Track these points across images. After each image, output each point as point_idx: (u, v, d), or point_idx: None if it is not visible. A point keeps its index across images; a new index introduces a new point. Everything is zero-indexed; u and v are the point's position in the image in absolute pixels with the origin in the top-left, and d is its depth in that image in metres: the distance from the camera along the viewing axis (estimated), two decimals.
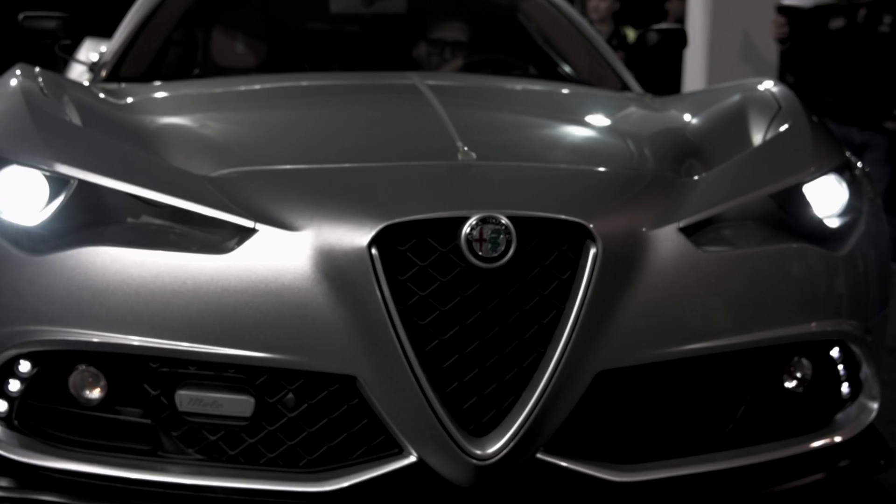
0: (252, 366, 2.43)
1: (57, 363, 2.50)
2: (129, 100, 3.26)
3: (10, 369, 2.50)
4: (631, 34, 7.77)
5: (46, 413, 2.53)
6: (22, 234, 2.51)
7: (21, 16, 4.08)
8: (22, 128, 2.66)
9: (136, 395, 2.50)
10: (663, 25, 4.45)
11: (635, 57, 5.70)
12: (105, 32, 5.44)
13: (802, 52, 6.40)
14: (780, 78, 7.14)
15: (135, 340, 2.43)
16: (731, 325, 2.59)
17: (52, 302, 2.46)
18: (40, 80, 2.94)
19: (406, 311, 2.40)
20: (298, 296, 2.40)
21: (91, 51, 5.50)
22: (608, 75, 4.18)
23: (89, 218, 2.56)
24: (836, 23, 6.22)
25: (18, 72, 2.97)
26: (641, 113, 3.50)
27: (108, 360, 2.49)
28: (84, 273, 2.45)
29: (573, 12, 4.52)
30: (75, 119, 2.78)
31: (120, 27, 4.15)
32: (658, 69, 6.62)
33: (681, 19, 7.79)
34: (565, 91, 3.81)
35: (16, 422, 2.52)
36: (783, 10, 6.42)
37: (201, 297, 2.42)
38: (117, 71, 3.87)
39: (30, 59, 3.36)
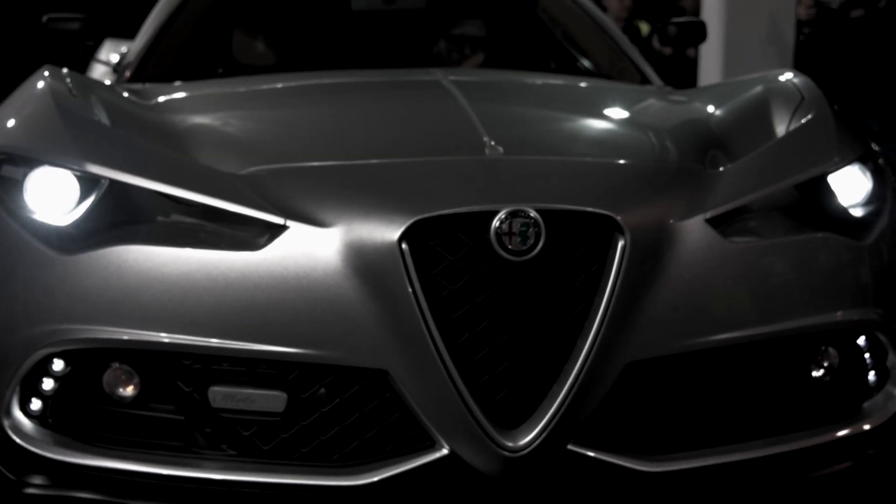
0: (284, 361, 2.45)
1: (90, 361, 2.52)
2: (156, 100, 3.29)
3: (43, 368, 2.52)
4: (644, 28, 7.77)
5: (80, 411, 2.55)
6: (53, 233, 2.53)
7: (45, 17, 4.11)
8: (52, 128, 2.68)
9: (170, 391, 2.52)
10: (682, 19, 4.46)
11: (651, 50, 5.73)
12: (125, 34, 5.47)
13: (822, 42, 6.40)
14: (798, 66, 7.15)
15: (167, 338, 2.45)
16: (759, 315, 2.60)
17: (84, 301, 2.48)
18: (68, 80, 2.96)
19: (437, 304, 2.41)
20: (329, 291, 2.42)
21: (111, 51, 5.53)
22: (628, 68, 4.19)
23: (120, 217, 2.58)
24: (856, 13, 6.22)
25: (46, 73, 3.00)
26: (664, 105, 3.51)
27: (142, 358, 2.51)
28: (116, 271, 2.47)
29: (591, 6, 4.53)
30: (104, 119, 2.81)
31: (143, 27, 4.17)
32: (675, 64, 6.63)
33: (695, 14, 7.79)
34: (587, 85, 3.82)
35: (50, 420, 2.55)
36: None
37: (233, 293, 2.44)
38: (142, 71, 3.89)
39: (50, 60, 3.38)
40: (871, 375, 2.77)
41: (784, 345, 2.65)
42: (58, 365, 2.52)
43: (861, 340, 2.75)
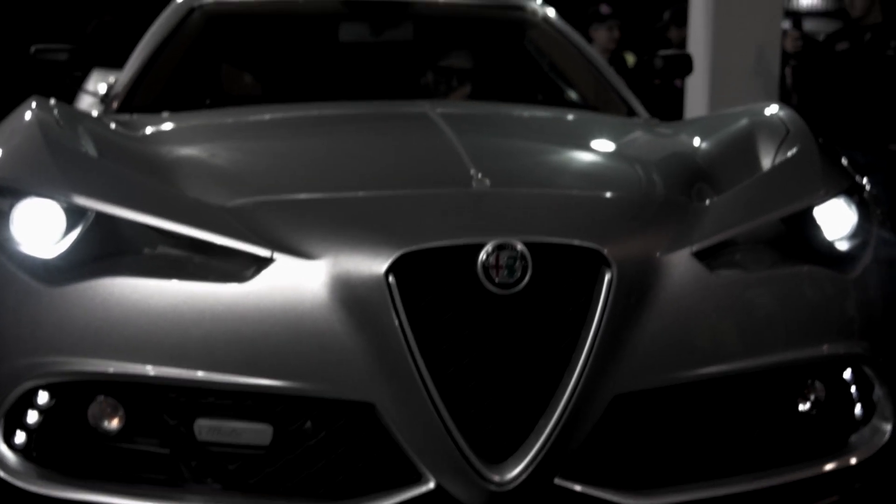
0: (270, 394, 2.44)
1: (76, 394, 2.51)
2: (144, 131, 3.29)
3: (28, 401, 2.51)
4: (630, 59, 7.80)
5: (65, 444, 2.53)
6: (40, 265, 2.53)
7: (33, 48, 4.11)
8: (39, 160, 2.68)
9: (155, 425, 2.51)
10: (668, 51, 4.49)
11: (638, 83, 5.74)
12: (113, 63, 5.48)
13: (808, 75, 6.44)
14: (786, 97, 7.18)
15: (153, 370, 2.44)
16: (745, 348, 2.61)
17: (70, 333, 2.47)
18: (55, 111, 2.96)
19: (424, 337, 2.41)
20: (316, 324, 2.42)
21: (99, 81, 5.53)
22: (614, 100, 4.21)
23: (107, 249, 2.58)
24: (842, 45, 6.25)
25: (34, 104, 3.00)
26: (650, 138, 3.52)
27: (127, 391, 2.50)
28: (102, 303, 2.47)
29: (578, 38, 4.55)
30: (91, 150, 2.81)
31: (131, 58, 4.17)
32: (661, 95, 6.66)
33: (681, 46, 7.82)
34: (574, 117, 3.83)
35: (34, 453, 2.53)
36: (798, 24, 6.46)
37: (219, 326, 2.44)
38: (129, 102, 3.89)
39: (37, 90, 3.38)
40: (858, 409, 2.78)
41: (770, 378, 2.66)
42: (42, 398, 2.51)
43: (847, 374, 2.75)
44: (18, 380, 2.48)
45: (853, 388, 2.76)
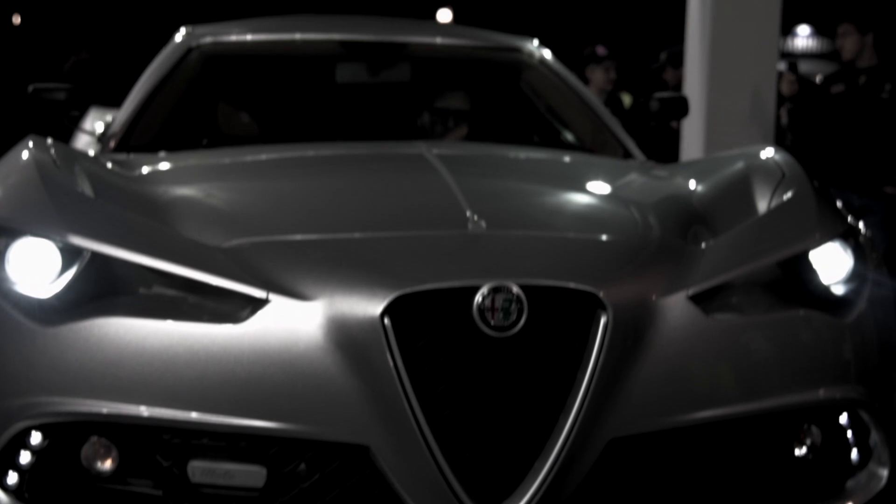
0: (265, 436, 2.44)
1: (69, 435, 2.50)
2: (140, 170, 3.29)
3: (21, 441, 2.50)
4: (627, 100, 7.83)
5: (58, 485, 2.52)
6: (34, 305, 2.53)
7: (31, 87, 4.13)
8: (35, 199, 2.68)
9: (148, 466, 2.50)
10: (665, 94, 4.50)
11: (634, 124, 5.76)
12: (111, 102, 5.49)
13: (805, 117, 6.46)
14: (781, 139, 7.20)
15: (147, 411, 2.43)
16: (741, 392, 2.61)
17: (64, 373, 2.47)
18: (52, 151, 2.97)
19: (419, 380, 2.41)
20: (311, 365, 2.42)
21: (96, 120, 5.54)
22: (610, 142, 4.22)
23: (102, 289, 2.58)
24: (837, 88, 6.28)
25: (31, 143, 3.00)
26: (646, 180, 3.53)
27: (121, 432, 2.49)
28: (96, 344, 2.46)
29: (575, 80, 4.57)
30: (87, 190, 2.81)
31: (128, 98, 4.18)
32: (657, 136, 6.68)
33: (677, 87, 7.86)
34: (570, 159, 3.84)
35: (27, 494, 2.52)
36: (793, 67, 6.49)
37: (214, 367, 2.43)
38: (126, 141, 3.90)
39: (35, 129, 3.39)
40: (854, 454, 2.77)
41: (766, 422, 2.65)
42: (35, 438, 2.50)
43: (843, 418, 2.75)
44: (11, 420, 2.48)
45: (849, 433, 2.76)
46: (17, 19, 20.91)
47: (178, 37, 4.46)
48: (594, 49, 7.73)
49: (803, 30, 21.78)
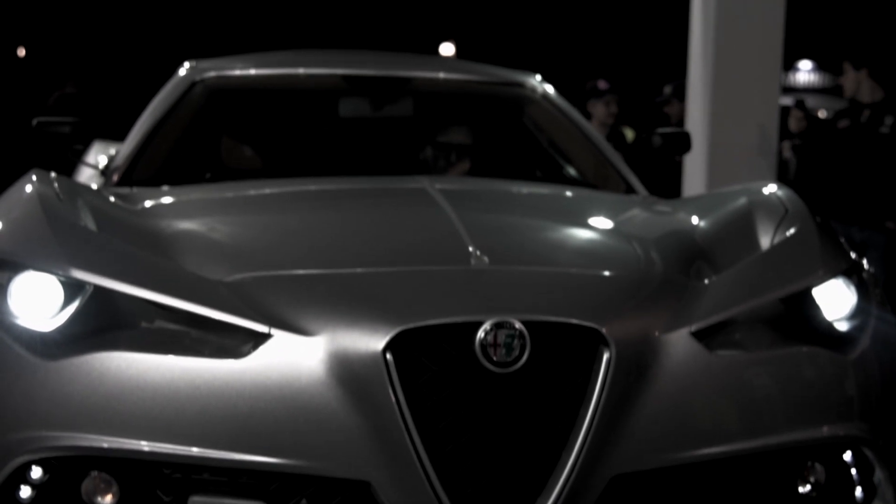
0: (266, 471, 2.43)
1: (69, 469, 2.49)
2: (143, 204, 3.30)
3: (21, 476, 2.49)
4: (629, 134, 7.84)
5: None
6: (36, 339, 2.52)
7: (35, 121, 4.13)
8: (38, 233, 2.69)
9: (149, 501, 2.49)
10: (667, 129, 4.51)
11: (637, 158, 5.77)
12: (115, 135, 5.50)
13: (811, 152, 6.48)
14: (783, 174, 7.21)
15: (148, 446, 2.43)
16: (745, 429, 2.60)
17: (65, 407, 2.46)
18: (56, 185, 2.97)
19: (421, 415, 2.40)
20: (313, 401, 2.41)
21: (100, 153, 5.55)
22: (613, 178, 4.22)
23: (104, 323, 2.57)
24: (843, 123, 6.31)
25: (34, 177, 3.01)
26: (649, 216, 3.53)
27: (121, 466, 2.48)
28: (98, 378, 2.46)
29: (577, 115, 4.57)
30: (90, 224, 2.81)
31: (132, 132, 4.19)
32: (660, 171, 6.68)
33: (680, 121, 7.88)
34: (573, 194, 3.85)
35: None
36: (801, 103, 6.52)
37: (215, 402, 2.43)
38: (129, 175, 3.91)
39: (38, 162, 3.39)
40: (858, 491, 2.76)
41: (770, 460, 2.64)
42: (36, 472, 2.49)
43: (847, 456, 2.74)
44: (12, 454, 2.47)
45: (853, 471, 2.74)
46: (21, 52, 21.02)
47: (182, 71, 4.47)
48: (596, 83, 7.75)
49: (805, 65, 21.86)
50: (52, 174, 3.09)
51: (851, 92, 6.33)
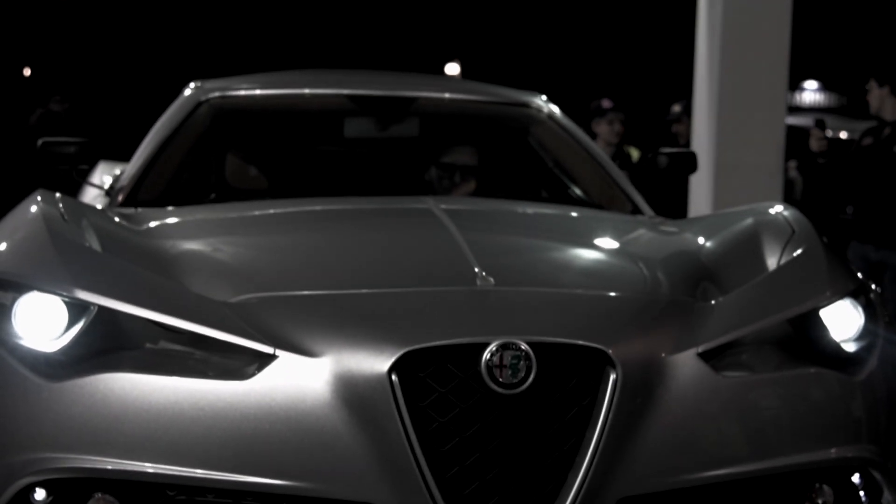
0: (270, 493, 2.42)
1: (73, 491, 2.48)
2: (147, 225, 3.29)
3: (25, 498, 2.48)
4: (634, 153, 7.84)
5: None
6: (40, 360, 2.52)
7: (40, 141, 4.13)
8: (43, 254, 2.68)
9: None
10: (673, 149, 4.50)
11: (642, 177, 5.77)
12: (120, 156, 5.51)
13: (836, 171, 6.43)
14: (789, 194, 7.19)
15: (151, 468, 2.42)
16: (752, 451, 2.58)
17: (69, 429, 2.45)
18: (61, 205, 2.97)
19: (426, 437, 2.39)
20: (318, 422, 2.40)
21: (105, 174, 5.55)
22: (619, 198, 4.21)
23: (108, 344, 2.57)
24: (866, 140, 6.28)
25: (39, 198, 3.01)
26: (655, 236, 3.52)
27: (125, 488, 2.47)
28: (102, 399, 2.45)
29: (583, 134, 4.57)
30: (95, 245, 2.81)
31: (137, 152, 4.19)
32: (666, 191, 6.68)
33: (689, 140, 7.87)
34: (578, 214, 3.84)
35: None
36: (821, 124, 6.49)
37: (220, 423, 2.42)
38: (134, 195, 3.91)
39: (43, 181, 3.39)
40: None
41: (778, 482, 2.63)
42: (40, 494, 2.48)
43: (856, 478, 2.72)
44: (15, 476, 2.46)
45: (862, 493, 2.72)
46: (27, 71, 21.08)
47: (188, 91, 4.47)
48: (600, 102, 7.75)
49: (811, 84, 21.86)
50: (58, 194, 3.08)
51: (876, 109, 6.30)
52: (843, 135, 7.29)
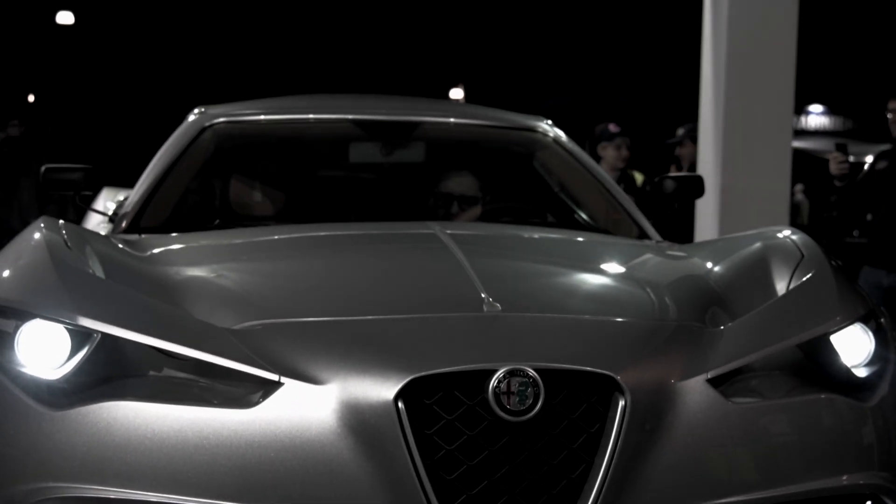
0: None
1: None
2: (151, 251, 3.27)
3: None
4: (639, 178, 7.83)
5: None
6: (43, 388, 2.49)
7: (43, 168, 4.12)
8: (46, 281, 2.66)
9: None
10: (680, 173, 4.48)
11: (647, 202, 5.75)
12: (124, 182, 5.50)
13: (853, 194, 6.38)
14: (794, 218, 7.16)
15: (155, 497, 2.39)
16: (762, 478, 2.56)
17: (71, 458, 2.43)
18: (64, 232, 2.96)
19: (433, 465, 2.37)
20: (324, 450, 2.38)
21: (108, 200, 5.55)
22: (625, 222, 4.20)
23: (111, 371, 2.54)
24: (881, 164, 6.23)
25: (42, 224, 3.00)
26: (663, 261, 3.50)
27: None
28: (105, 428, 2.43)
29: (588, 159, 4.55)
30: (98, 272, 2.79)
31: (140, 178, 4.18)
32: (673, 216, 6.65)
33: (692, 164, 7.86)
34: (585, 239, 3.82)
35: None
36: (842, 147, 6.46)
37: (224, 452, 2.39)
38: (138, 222, 3.89)
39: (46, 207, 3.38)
40: None
41: None
42: None
43: None
44: None
45: None
46: (31, 98, 21.17)
47: (192, 116, 4.47)
48: (606, 126, 7.74)
49: (816, 108, 21.90)
50: (61, 221, 3.07)
51: None
52: (867, 158, 7.24)
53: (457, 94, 25.21)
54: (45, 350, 2.53)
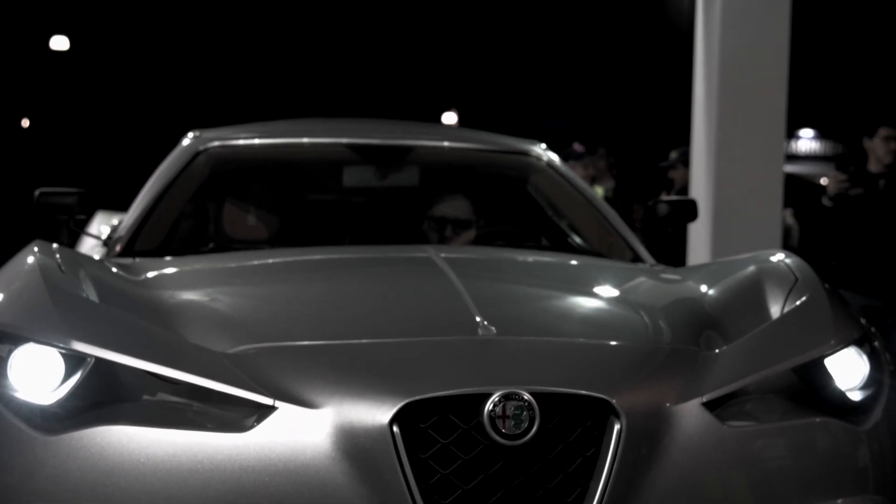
0: None
1: None
2: (145, 275, 3.27)
3: None
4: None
5: None
6: (36, 413, 2.48)
7: (37, 192, 4.12)
8: (39, 305, 2.66)
9: None
10: (673, 197, 4.49)
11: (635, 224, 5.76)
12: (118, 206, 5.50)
13: (823, 221, 6.40)
14: (785, 241, 7.16)
15: None
16: (757, 501, 2.56)
17: (65, 483, 2.42)
18: (57, 256, 2.95)
19: (428, 490, 2.36)
20: (318, 475, 2.37)
21: (103, 223, 5.54)
22: (619, 246, 4.20)
23: (105, 396, 2.53)
24: (855, 191, 6.25)
25: (36, 248, 2.99)
26: (657, 285, 3.50)
27: None
28: (99, 453, 2.42)
29: (581, 182, 4.56)
30: (92, 296, 2.78)
31: (135, 202, 4.18)
32: (667, 240, 6.66)
33: (684, 187, 7.88)
34: (579, 263, 3.82)
35: None
36: (843, 167, 6.47)
37: (219, 476, 2.38)
38: (132, 246, 3.89)
39: (40, 232, 3.38)
40: None
41: None
42: None
43: None
44: None
45: None
46: (25, 122, 21.18)
47: (186, 140, 4.47)
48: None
49: (806, 132, 21.96)
50: (54, 245, 3.06)
51: (890, 158, 6.30)
52: (823, 181, 7.28)
53: (450, 118, 25.25)
54: (38, 374, 2.52)
